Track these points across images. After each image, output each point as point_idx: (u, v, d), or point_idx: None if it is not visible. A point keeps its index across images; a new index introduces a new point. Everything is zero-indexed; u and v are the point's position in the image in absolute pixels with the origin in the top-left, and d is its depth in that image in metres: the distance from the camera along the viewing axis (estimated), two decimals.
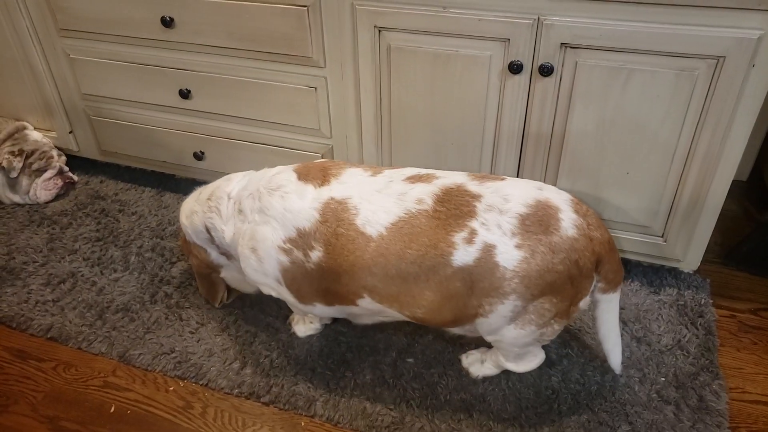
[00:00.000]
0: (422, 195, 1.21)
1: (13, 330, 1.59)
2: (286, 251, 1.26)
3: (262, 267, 1.30)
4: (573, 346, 1.50)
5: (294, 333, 1.54)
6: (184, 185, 2.09)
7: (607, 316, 1.31)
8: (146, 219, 1.95)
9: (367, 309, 1.31)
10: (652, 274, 1.70)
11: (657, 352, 1.48)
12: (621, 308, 1.59)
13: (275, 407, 1.39)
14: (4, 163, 1.94)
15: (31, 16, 1.83)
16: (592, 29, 1.33)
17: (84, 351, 1.52)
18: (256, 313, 1.61)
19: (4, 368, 1.49)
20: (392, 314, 1.30)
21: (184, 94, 1.82)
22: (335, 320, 1.57)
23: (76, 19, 1.78)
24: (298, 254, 1.25)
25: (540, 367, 1.44)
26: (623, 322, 1.55)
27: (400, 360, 1.48)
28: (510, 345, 1.27)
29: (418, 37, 1.48)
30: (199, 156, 1.95)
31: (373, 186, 1.25)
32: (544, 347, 1.39)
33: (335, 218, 1.23)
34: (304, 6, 1.52)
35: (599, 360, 1.45)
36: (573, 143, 1.51)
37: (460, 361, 1.47)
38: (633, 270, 1.71)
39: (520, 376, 1.43)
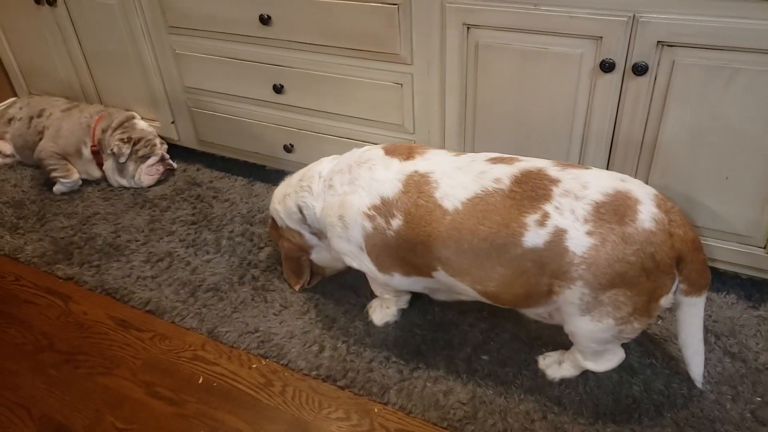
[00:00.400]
0: (501, 175, 1.23)
1: (117, 301, 1.73)
2: (369, 217, 1.32)
3: (347, 233, 1.37)
4: (657, 355, 1.45)
5: (371, 321, 1.58)
6: (274, 176, 2.19)
7: (690, 321, 1.26)
8: (238, 206, 2.06)
9: (442, 283, 1.34)
10: (751, 287, 1.60)
11: (753, 370, 1.40)
12: (714, 321, 1.52)
13: (350, 391, 1.43)
14: (115, 149, 2.11)
15: (145, 15, 1.98)
16: (691, 26, 1.28)
17: (177, 325, 1.63)
18: (335, 300, 1.66)
19: (110, 335, 1.63)
20: (466, 290, 1.31)
21: (278, 89, 1.90)
22: (411, 312, 1.60)
23: (183, 17, 1.91)
24: (380, 221, 1.31)
25: (620, 375, 1.40)
26: (715, 336, 1.48)
27: (475, 356, 1.48)
28: (587, 339, 1.24)
29: (507, 35, 1.48)
30: (288, 148, 2.03)
31: (455, 164, 1.29)
32: (626, 355, 1.35)
33: (417, 190, 1.28)
34: (395, 4, 1.56)
35: (686, 373, 1.39)
36: (666, 145, 1.46)
37: (536, 362, 1.45)
38: (729, 282, 1.62)
39: (599, 381, 1.39)
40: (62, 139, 2.18)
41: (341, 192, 1.39)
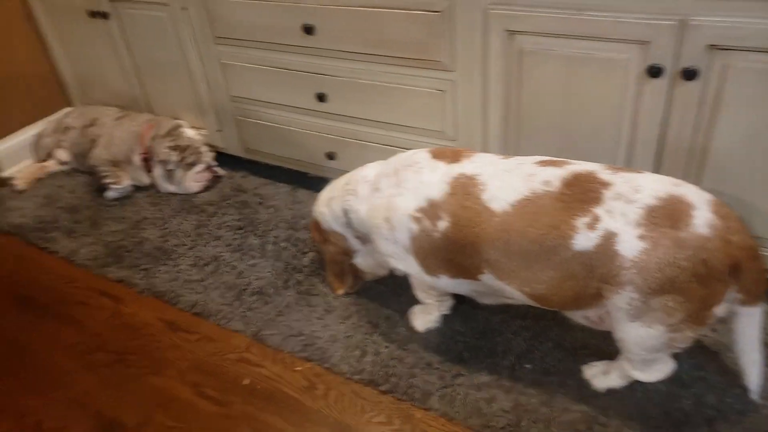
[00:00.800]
0: (550, 177, 1.22)
1: (165, 303, 1.78)
2: (416, 219, 1.33)
3: (393, 235, 1.38)
4: (709, 368, 1.41)
5: (413, 327, 1.59)
6: (316, 183, 2.21)
7: (746, 332, 1.23)
8: (282, 212, 2.09)
9: (489, 286, 1.33)
10: None
11: None
12: None
13: (393, 396, 1.44)
14: (164, 156, 2.18)
15: (194, 26, 2.04)
16: (744, 29, 1.25)
17: (223, 327, 1.67)
18: (377, 305, 1.67)
19: (158, 336, 1.68)
20: (513, 293, 1.31)
21: (321, 98, 1.93)
22: (453, 319, 1.59)
23: (229, 28, 1.96)
24: (426, 223, 1.31)
25: (669, 387, 1.37)
26: None
27: (518, 365, 1.47)
28: (636, 346, 1.22)
29: (551, 40, 1.47)
30: (331, 156, 2.06)
31: (503, 166, 1.29)
32: (676, 368, 1.31)
33: (463, 191, 1.28)
34: (438, 11, 1.57)
35: (741, 388, 1.34)
36: (719, 150, 1.42)
37: (581, 371, 1.43)
38: None
39: (647, 393, 1.36)
40: (114, 147, 2.26)
41: (387, 194, 1.40)
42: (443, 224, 1.30)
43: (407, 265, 1.43)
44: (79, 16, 2.31)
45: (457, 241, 1.29)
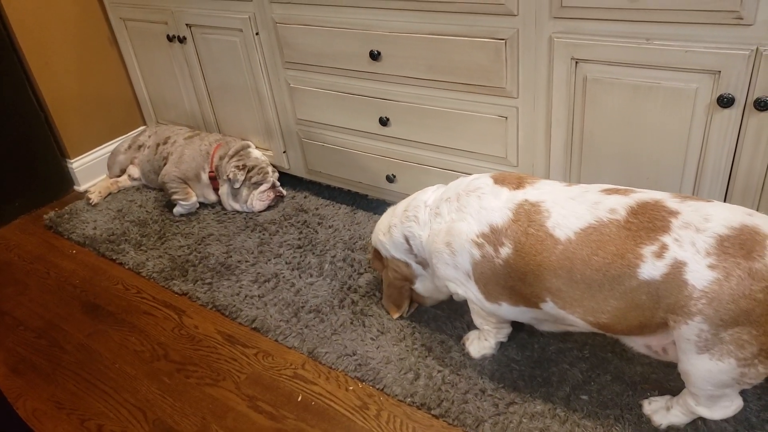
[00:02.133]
0: (616, 205, 1.20)
1: (226, 317, 1.83)
2: (478, 245, 1.33)
3: (454, 260, 1.38)
4: None
5: (467, 353, 1.58)
6: (375, 205, 2.25)
7: None
8: (340, 232, 2.13)
9: (550, 314, 1.31)
10: None
11: None
12: None
13: (444, 421, 1.43)
14: (231, 175, 2.27)
15: (264, 51, 2.14)
16: None
17: (279, 343, 1.71)
18: (431, 329, 1.67)
19: (218, 349, 1.73)
20: (575, 321, 1.28)
21: (383, 122, 1.98)
22: (509, 347, 1.58)
23: (298, 53, 2.04)
24: (488, 249, 1.31)
25: (736, 428, 1.31)
26: None
27: (574, 396, 1.44)
28: (703, 381, 1.17)
29: (617, 69, 1.46)
30: (391, 179, 2.09)
31: (568, 194, 1.28)
32: (743, 408, 1.25)
33: (527, 218, 1.27)
34: (503, 39, 1.59)
35: None
36: None
37: (640, 406, 1.39)
38: None
39: None
40: (184, 165, 2.37)
41: (448, 219, 1.41)
42: (506, 251, 1.29)
43: (468, 290, 1.43)
44: (158, 41, 2.46)
45: (519, 268, 1.28)
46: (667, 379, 1.45)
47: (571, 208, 1.24)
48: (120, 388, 1.64)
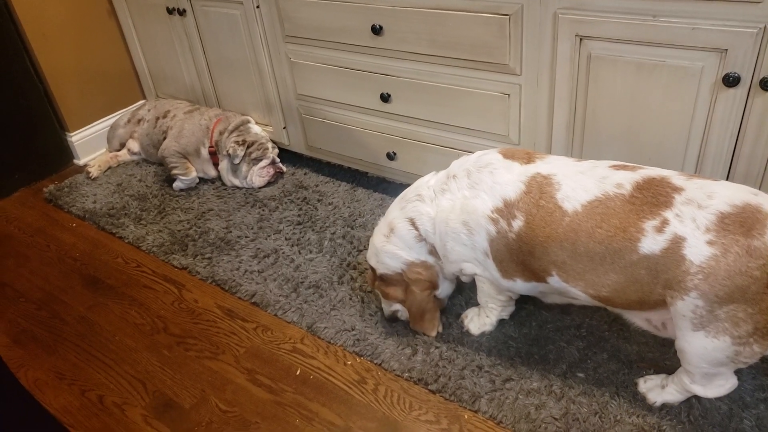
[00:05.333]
0: (623, 180, 1.21)
1: (226, 292, 1.84)
2: (493, 220, 1.32)
3: (472, 240, 1.37)
4: None
5: (467, 330, 1.58)
6: (376, 182, 2.25)
7: None
8: (340, 209, 2.13)
9: (555, 288, 1.32)
10: None
11: None
12: None
13: (441, 396, 1.44)
14: (230, 151, 2.26)
15: (264, 25, 2.11)
16: None
17: (279, 318, 1.72)
18: None
19: (217, 323, 1.74)
20: (578, 294, 1.29)
21: (385, 98, 1.96)
22: (506, 325, 1.58)
23: (300, 27, 2.02)
24: (502, 224, 1.31)
25: (730, 407, 1.32)
26: None
27: (570, 373, 1.45)
28: (698, 358, 1.18)
29: (622, 46, 1.44)
30: (391, 156, 2.08)
31: (577, 168, 1.28)
32: (737, 387, 1.26)
33: (539, 190, 1.28)
34: (507, 15, 1.57)
35: None
36: None
37: (636, 384, 1.40)
38: None
39: (705, 411, 1.32)
40: (183, 139, 2.36)
41: (460, 197, 1.38)
42: (518, 224, 1.29)
43: (485, 269, 1.41)
44: (158, 13, 2.43)
45: (529, 241, 1.28)
46: (663, 358, 1.46)
47: (580, 182, 1.25)
48: (120, 360, 1.66)
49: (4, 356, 1.69)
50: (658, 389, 1.35)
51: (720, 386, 1.25)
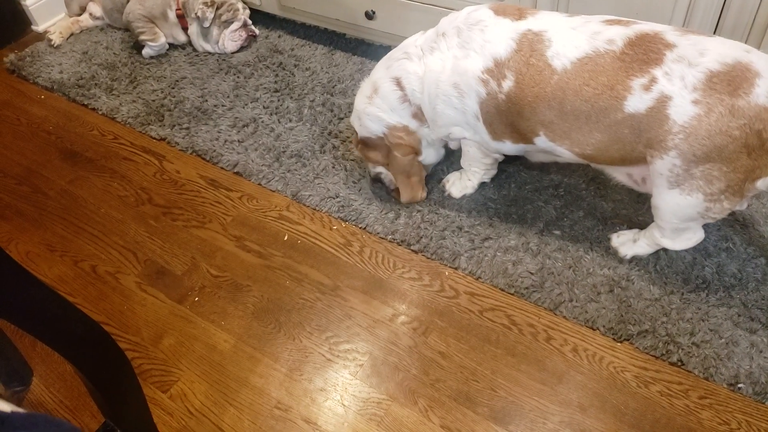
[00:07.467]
0: (615, 36, 1.18)
1: (207, 162, 1.84)
2: (484, 82, 1.30)
3: (462, 102, 1.35)
4: (735, 240, 1.43)
5: (449, 194, 1.62)
6: (354, 45, 2.17)
7: None
8: (318, 75, 2.07)
9: (542, 148, 1.34)
10: None
11: None
12: None
13: (423, 255, 1.51)
14: (199, 13, 2.14)
15: None
16: None
17: (263, 187, 1.73)
18: None
19: (202, 192, 1.75)
20: (563, 153, 1.32)
21: None
22: (486, 187, 1.62)
23: None
24: (493, 85, 1.29)
25: (694, 256, 1.40)
26: None
27: (547, 231, 1.51)
28: (670, 214, 1.24)
29: None
30: (370, 15, 1.99)
31: (569, 24, 1.24)
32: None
33: (530, 48, 1.25)
34: None
35: (765, 258, 1.38)
36: None
37: (609, 240, 1.47)
38: None
39: (671, 261, 1.40)
40: (149, 2, 2.21)
41: (450, 56, 1.33)
42: (507, 84, 1.27)
43: (475, 132, 1.40)
44: None
45: (518, 101, 1.27)
46: (636, 215, 1.52)
47: (571, 38, 1.21)
48: (108, 231, 1.68)
49: None
50: (630, 243, 1.43)
51: (688, 239, 1.32)
